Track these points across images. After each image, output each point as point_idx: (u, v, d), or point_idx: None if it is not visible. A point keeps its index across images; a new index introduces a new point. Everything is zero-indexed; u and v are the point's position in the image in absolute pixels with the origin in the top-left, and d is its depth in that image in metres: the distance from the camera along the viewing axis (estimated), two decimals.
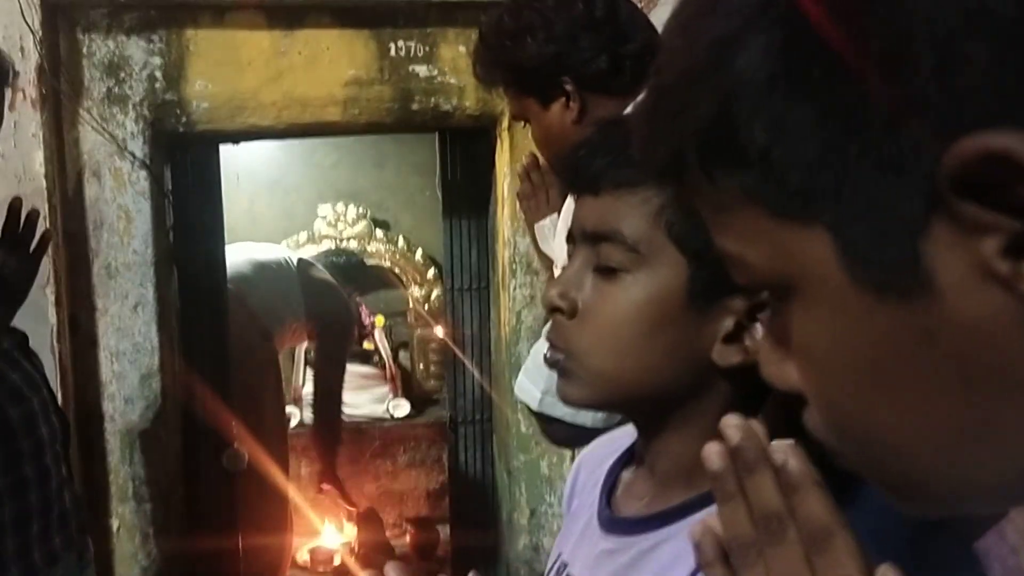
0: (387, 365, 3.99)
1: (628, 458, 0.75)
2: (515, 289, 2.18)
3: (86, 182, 1.98)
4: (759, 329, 0.60)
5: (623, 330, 0.64)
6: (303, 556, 3.32)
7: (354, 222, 4.03)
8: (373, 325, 3.98)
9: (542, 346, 1.15)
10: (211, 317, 2.28)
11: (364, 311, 3.74)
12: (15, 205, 1.36)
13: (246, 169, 3.66)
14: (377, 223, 4.10)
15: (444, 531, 3.48)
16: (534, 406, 1.13)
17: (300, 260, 2.88)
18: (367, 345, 3.90)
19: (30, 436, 1.34)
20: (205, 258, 2.26)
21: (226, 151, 2.25)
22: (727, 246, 0.40)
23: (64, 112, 1.95)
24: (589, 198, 0.66)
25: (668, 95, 0.39)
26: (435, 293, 4.11)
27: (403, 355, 4.15)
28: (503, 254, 2.23)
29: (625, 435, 0.78)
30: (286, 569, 2.86)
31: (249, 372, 2.48)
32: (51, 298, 1.90)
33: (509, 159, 2.13)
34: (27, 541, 1.33)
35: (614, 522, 0.70)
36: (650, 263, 0.63)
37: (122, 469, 2.05)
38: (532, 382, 1.14)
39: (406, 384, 4.04)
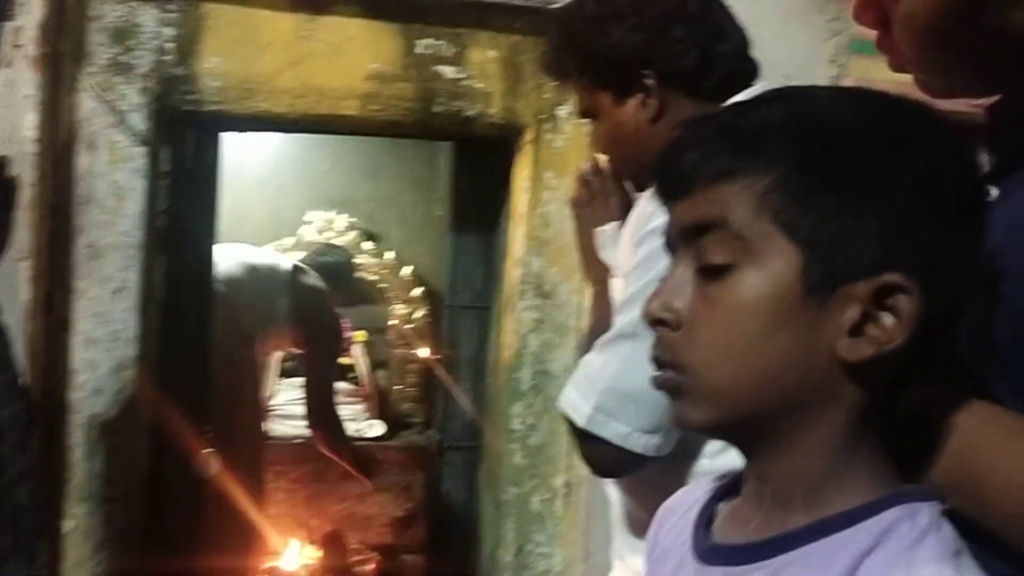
0: (364, 383, 3.84)
1: (723, 493, 0.68)
2: (523, 311, 2.06)
3: (79, 153, 1.84)
4: (887, 318, 0.55)
5: (736, 334, 0.58)
6: None
7: (343, 232, 3.90)
8: (351, 341, 3.84)
9: (597, 360, 1.03)
10: (196, 311, 2.13)
11: (345, 325, 3.60)
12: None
13: (235, 165, 3.52)
14: (367, 235, 3.97)
15: (410, 561, 3.33)
16: (581, 422, 1.01)
17: (295, 266, 2.77)
18: (345, 359, 3.75)
19: None
20: (195, 249, 2.12)
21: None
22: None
23: (63, 76, 1.81)
24: (684, 200, 0.61)
25: None
26: (418, 313, 3.98)
27: (380, 374, 4.01)
28: (512, 274, 2.11)
29: (710, 480, 0.72)
30: None
31: (227, 376, 2.36)
32: (27, 273, 1.75)
33: (530, 174, 2.02)
34: None
35: (717, 552, 0.61)
36: (759, 253, 0.57)
37: (83, 466, 1.89)
38: (582, 396, 1.02)
39: (381, 405, 3.89)
